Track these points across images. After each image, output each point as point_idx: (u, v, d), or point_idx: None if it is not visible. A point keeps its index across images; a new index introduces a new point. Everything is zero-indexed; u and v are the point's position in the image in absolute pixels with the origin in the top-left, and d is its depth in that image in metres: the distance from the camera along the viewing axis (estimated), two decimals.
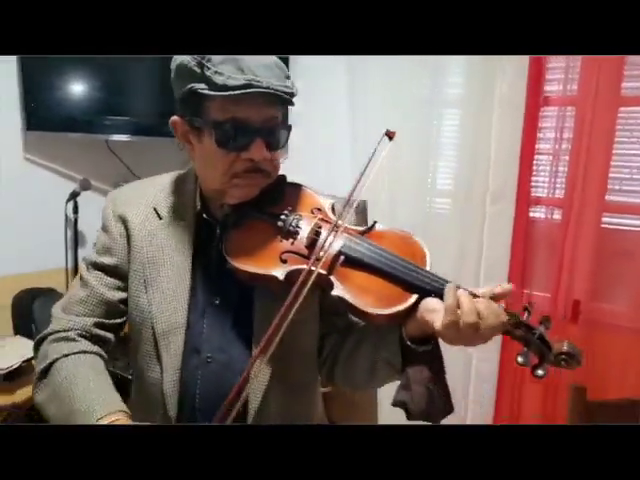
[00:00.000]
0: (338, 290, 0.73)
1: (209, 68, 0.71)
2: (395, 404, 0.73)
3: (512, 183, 1.65)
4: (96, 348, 0.82)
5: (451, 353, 0.76)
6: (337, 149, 1.95)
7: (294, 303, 0.70)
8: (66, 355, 0.78)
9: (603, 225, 1.62)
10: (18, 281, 1.87)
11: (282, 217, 0.79)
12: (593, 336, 1.61)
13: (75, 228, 1.99)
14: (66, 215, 2.02)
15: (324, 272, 0.75)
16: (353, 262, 0.75)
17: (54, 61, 1.88)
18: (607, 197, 1.61)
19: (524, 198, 1.68)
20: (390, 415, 1.90)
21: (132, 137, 2.02)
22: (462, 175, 1.76)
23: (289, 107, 0.79)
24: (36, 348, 0.83)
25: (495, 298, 0.70)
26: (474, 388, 1.77)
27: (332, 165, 1.90)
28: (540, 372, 0.71)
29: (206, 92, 0.71)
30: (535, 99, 1.65)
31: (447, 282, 0.71)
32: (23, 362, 1.44)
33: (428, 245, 0.78)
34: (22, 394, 1.39)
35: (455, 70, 1.76)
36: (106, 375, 0.79)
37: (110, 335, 0.85)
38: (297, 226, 0.79)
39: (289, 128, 0.80)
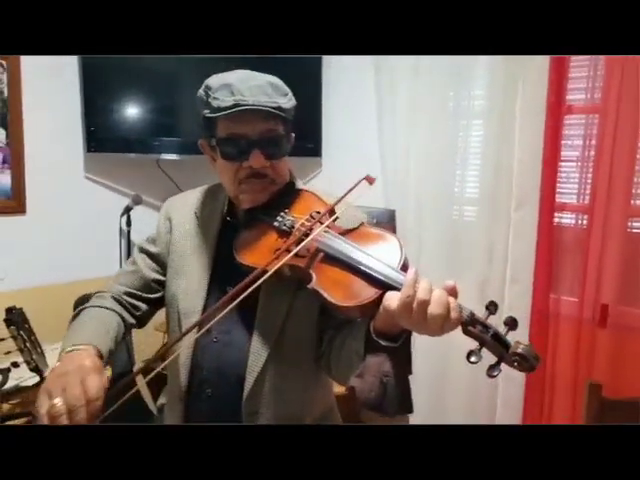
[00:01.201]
0: (314, 283, 0.78)
1: (210, 95, 0.85)
2: (347, 388, 0.78)
3: (535, 190, 1.70)
4: (119, 308, 0.96)
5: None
6: (367, 159, 2.06)
7: (249, 286, 0.77)
8: (91, 307, 0.94)
9: (629, 230, 1.63)
10: (80, 287, 2.08)
11: (278, 218, 0.89)
12: (622, 340, 1.62)
13: (128, 239, 2.20)
14: (120, 227, 2.23)
15: (302, 265, 0.81)
16: (330, 258, 0.81)
17: (110, 86, 2.09)
18: (633, 202, 1.62)
19: (548, 204, 1.71)
20: None
21: (179, 156, 2.21)
22: (487, 183, 1.81)
23: (289, 118, 0.89)
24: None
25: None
26: (502, 390, 1.81)
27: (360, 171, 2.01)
28: (495, 373, 0.68)
29: (208, 115, 0.86)
30: (557, 108, 1.68)
31: None
32: None
33: (456, 252, 0.82)
34: None
35: (478, 82, 1.83)
36: (106, 326, 0.90)
37: (141, 304, 1.00)
38: (291, 226, 0.87)
39: (287, 137, 0.91)
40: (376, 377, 0.72)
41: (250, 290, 0.78)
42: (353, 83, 2.16)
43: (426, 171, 1.92)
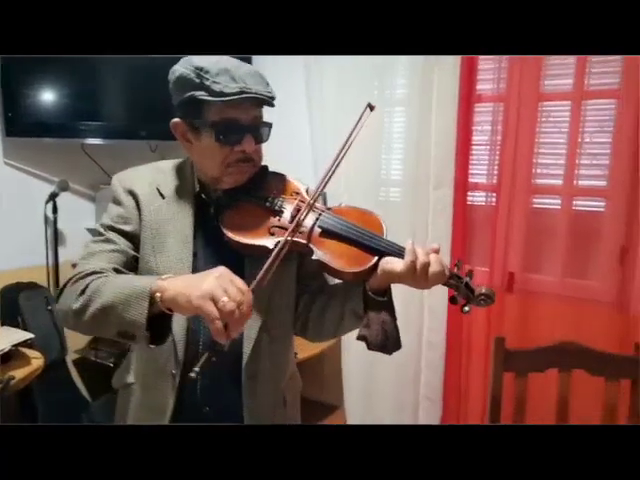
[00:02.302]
0: (317, 255, 0.91)
1: (207, 79, 0.86)
2: (358, 338, 0.92)
3: (451, 171, 1.87)
4: None
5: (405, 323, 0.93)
6: (297, 142, 2.14)
7: (275, 261, 0.86)
8: (97, 279, 0.88)
9: (532, 206, 1.84)
10: (2, 277, 1.99)
11: (269, 199, 0.96)
12: (526, 302, 1.84)
13: (55, 227, 2.13)
14: (45, 215, 2.15)
15: (304, 241, 0.92)
16: (327, 233, 0.93)
17: (29, 69, 2.00)
18: (534, 181, 1.83)
19: (462, 184, 1.89)
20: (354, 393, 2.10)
21: (104, 140, 2.16)
22: (409, 166, 1.97)
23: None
24: (60, 292, 0.92)
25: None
26: (425, 356, 1.98)
27: (293, 157, 2.09)
28: (466, 308, 0.93)
29: (206, 98, 0.86)
30: (468, 97, 1.86)
31: (399, 246, 0.91)
32: (13, 346, 1.57)
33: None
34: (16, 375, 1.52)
35: (399, 73, 1.97)
36: (133, 278, 0.90)
37: None
38: (282, 206, 0.96)
39: (270, 125, 0.97)
40: (379, 325, 0.90)
41: (266, 268, 0.84)
42: (280, 64, 2.21)
43: (355, 156, 2.01)
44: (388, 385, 2.05)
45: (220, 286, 0.76)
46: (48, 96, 2.06)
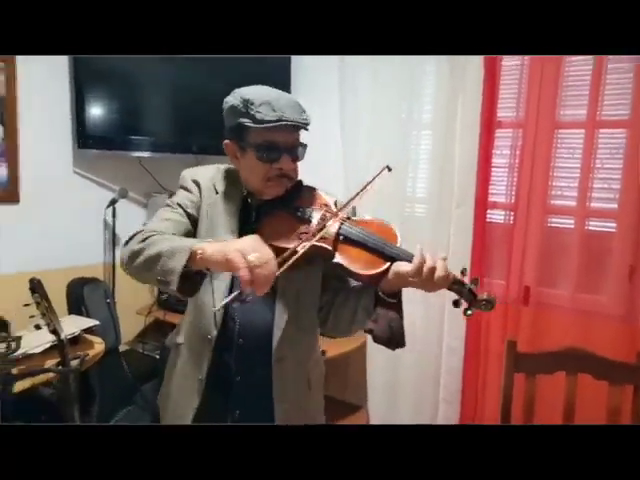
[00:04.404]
0: (337, 258, 1.06)
1: (252, 109, 1.04)
2: (366, 331, 1.07)
3: (472, 191, 2.04)
4: None
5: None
6: (332, 159, 2.36)
7: (294, 258, 0.99)
8: (157, 234, 1.05)
9: (547, 225, 2.00)
10: (67, 272, 2.25)
11: (300, 209, 1.12)
12: (540, 314, 1.98)
13: (113, 230, 2.39)
14: (105, 219, 2.42)
15: (327, 246, 1.06)
16: (347, 240, 1.08)
17: (97, 90, 2.28)
18: (550, 201, 1.99)
19: (482, 203, 2.06)
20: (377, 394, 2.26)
21: (159, 154, 2.42)
22: (433, 185, 2.15)
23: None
24: (130, 238, 1.08)
25: None
26: (445, 360, 2.14)
27: (329, 171, 2.30)
28: (469, 312, 1.05)
29: (250, 125, 1.05)
30: (489, 123, 2.04)
31: (410, 253, 1.05)
32: (81, 331, 1.81)
33: (407, 243, 1.09)
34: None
35: (426, 99, 2.17)
36: (184, 240, 1.04)
37: None
38: (310, 216, 1.11)
39: (305, 146, 1.15)
40: (386, 322, 1.03)
41: (289, 264, 0.98)
42: (317, 86, 2.45)
43: (384, 174, 2.22)
44: (409, 387, 2.21)
45: (250, 245, 0.93)
46: (112, 114, 2.33)
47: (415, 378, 2.19)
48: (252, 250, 0.91)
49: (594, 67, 1.85)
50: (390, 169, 1.15)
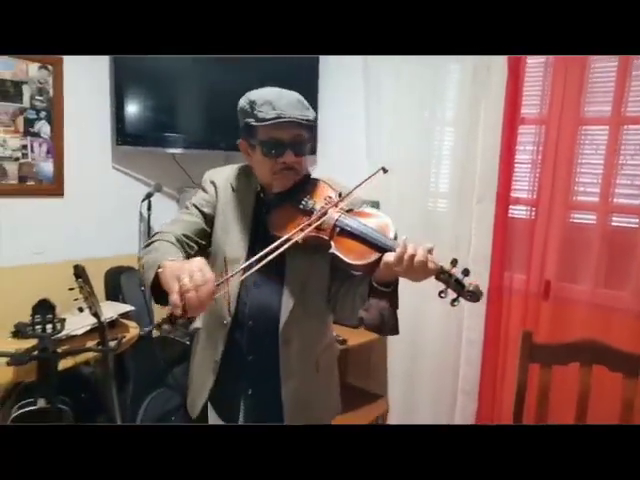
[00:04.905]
0: (333, 248, 1.11)
1: (254, 109, 1.13)
2: (356, 319, 1.12)
3: (494, 186, 2.07)
4: (179, 245, 1.17)
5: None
6: (356, 157, 2.43)
7: (280, 247, 1.05)
8: (161, 240, 1.16)
9: (569, 220, 2.01)
10: (105, 262, 2.40)
11: (303, 201, 1.18)
12: (560, 308, 2.00)
13: (148, 222, 2.52)
14: (140, 212, 2.56)
15: (324, 237, 1.12)
16: (344, 232, 1.12)
17: (134, 89, 2.42)
18: (573, 198, 2.00)
19: (504, 198, 2.09)
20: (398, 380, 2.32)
21: (191, 150, 2.54)
22: (456, 180, 2.19)
23: (313, 126, 1.18)
24: (146, 245, 1.20)
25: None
26: (464, 352, 2.18)
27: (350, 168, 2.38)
28: (456, 303, 1.03)
29: (253, 123, 1.14)
30: (512, 120, 2.06)
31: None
32: (118, 315, 1.95)
33: (430, 236, 1.12)
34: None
35: (449, 97, 2.21)
36: (169, 252, 1.11)
37: (194, 245, 1.23)
38: (313, 207, 1.17)
39: (311, 141, 1.21)
40: (377, 311, 1.07)
41: (279, 251, 1.05)
42: (342, 86, 2.53)
43: (407, 168, 2.28)
44: (429, 377, 2.26)
45: (187, 270, 0.94)
46: (148, 112, 2.47)
47: (434, 368, 2.24)
48: (188, 274, 0.93)
49: (619, 63, 1.85)
50: (386, 170, 1.18)
